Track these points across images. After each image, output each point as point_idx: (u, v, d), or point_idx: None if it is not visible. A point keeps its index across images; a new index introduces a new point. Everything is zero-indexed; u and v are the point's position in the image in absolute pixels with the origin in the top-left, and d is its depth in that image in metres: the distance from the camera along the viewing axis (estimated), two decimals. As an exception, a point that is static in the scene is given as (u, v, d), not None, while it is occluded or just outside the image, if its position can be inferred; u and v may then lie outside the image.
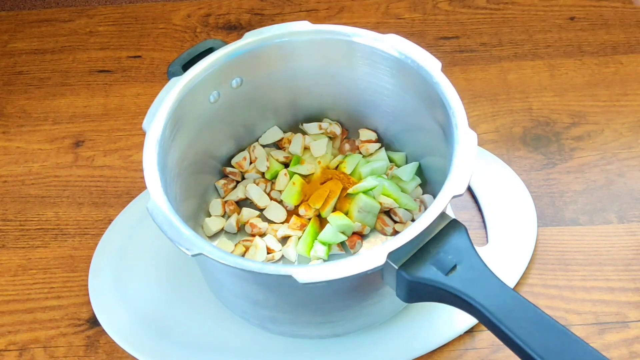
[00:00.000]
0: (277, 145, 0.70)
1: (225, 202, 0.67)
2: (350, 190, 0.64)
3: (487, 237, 0.65)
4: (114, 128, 0.77)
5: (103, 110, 0.79)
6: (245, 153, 0.68)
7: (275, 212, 0.65)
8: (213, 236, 0.65)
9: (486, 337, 0.59)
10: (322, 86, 0.67)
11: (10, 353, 0.61)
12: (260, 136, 0.70)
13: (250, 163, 0.68)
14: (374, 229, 0.65)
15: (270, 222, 0.65)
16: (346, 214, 0.64)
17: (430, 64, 0.58)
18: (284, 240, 0.65)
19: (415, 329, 0.59)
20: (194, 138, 0.62)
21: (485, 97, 0.77)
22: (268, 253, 0.63)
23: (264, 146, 0.69)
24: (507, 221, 0.65)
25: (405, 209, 0.64)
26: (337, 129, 0.69)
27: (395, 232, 0.64)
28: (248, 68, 0.63)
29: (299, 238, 0.64)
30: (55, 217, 0.70)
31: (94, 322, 0.62)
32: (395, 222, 0.64)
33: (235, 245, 0.64)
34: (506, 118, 0.75)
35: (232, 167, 0.68)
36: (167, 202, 0.51)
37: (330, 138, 0.69)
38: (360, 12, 0.88)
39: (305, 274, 0.47)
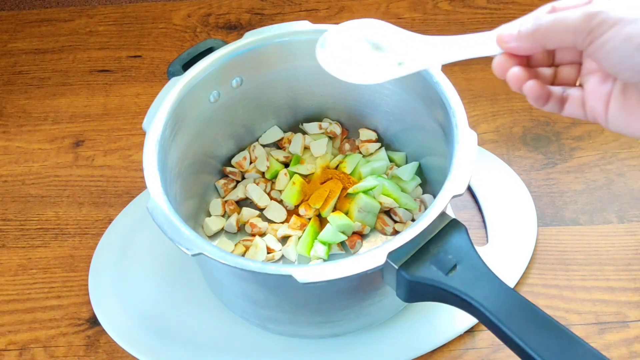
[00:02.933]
0: (277, 145, 0.70)
1: (225, 201, 0.67)
2: (350, 190, 0.64)
3: (487, 237, 0.65)
4: (114, 128, 0.77)
5: (103, 110, 0.79)
6: (245, 153, 0.68)
7: (275, 212, 0.65)
8: (213, 236, 0.65)
9: (486, 336, 0.59)
10: (322, 86, 0.67)
11: (10, 353, 0.61)
12: (260, 136, 0.70)
13: (250, 163, 0.68)
14: (374, 229, 0.65)
15: (270, 221, 0.65)
16: (346, 213, 0.64)
17: (430, 63, 0.58)
18: (284, 240, 0.65)
19: (415, 329, 0.59)
20: (194, 138, 0.62)
21: (485, 97, 0.77)
22: (268, 253, 0.63)
23: (264, 146, 0.69)
24: (507, 221, 0.65)
25: (405, 209, 0.64)
26: (337, 129, 0.69)
27: (395, 232, 0.64)
28: (248, 68, 0.63)
29: (299, 238, 0.63)
30: (56, 216, 0.70)
31: (94, 322, 0.62)
32: (395, 221, 0.64)
33: (235, 245, 0.64)
34: (506, 118, 0.75)
35: (232, 167, 0.68)
36: (167, 202, 0.51)
37: (330, 138, 0.69)
38: (360, 12, 0.88)
39: (305, 274, 0.47)
